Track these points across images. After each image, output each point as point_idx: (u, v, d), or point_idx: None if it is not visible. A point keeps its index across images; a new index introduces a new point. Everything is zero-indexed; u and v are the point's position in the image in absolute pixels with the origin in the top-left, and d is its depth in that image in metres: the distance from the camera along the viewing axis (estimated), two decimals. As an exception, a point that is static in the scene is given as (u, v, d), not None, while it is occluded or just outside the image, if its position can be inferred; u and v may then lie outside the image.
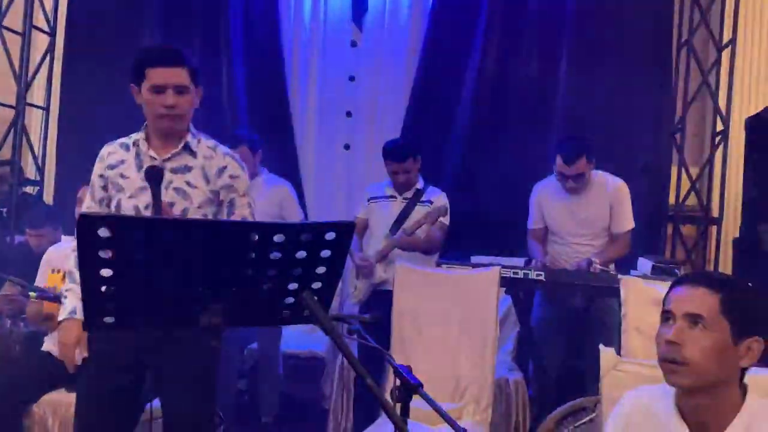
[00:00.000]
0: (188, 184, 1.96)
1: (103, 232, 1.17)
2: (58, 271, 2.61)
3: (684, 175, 4.00)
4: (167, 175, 1.95)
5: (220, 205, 2.00)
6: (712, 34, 4.00)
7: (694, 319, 1.30)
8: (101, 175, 2.02)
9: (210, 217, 1.96)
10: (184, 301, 1.29)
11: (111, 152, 2.03)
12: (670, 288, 1.38)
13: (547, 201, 3.32)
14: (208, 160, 1.99)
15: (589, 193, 3.23)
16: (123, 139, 2.04)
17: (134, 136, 2.02)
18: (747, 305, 1.33)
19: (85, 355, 1.93)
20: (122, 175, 1.98)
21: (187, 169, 1.97)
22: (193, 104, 1.98)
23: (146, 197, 1.92)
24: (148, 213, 1.93)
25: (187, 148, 1.98)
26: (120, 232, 1.18)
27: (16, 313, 2.86)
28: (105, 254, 1.20)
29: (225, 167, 2.00)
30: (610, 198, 3.23)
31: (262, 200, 3.42)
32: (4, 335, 2.92)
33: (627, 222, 3.25)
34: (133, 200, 1.96)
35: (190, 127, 2.02)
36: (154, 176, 1.85)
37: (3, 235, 3.97)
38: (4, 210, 4.09)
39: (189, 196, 1.95)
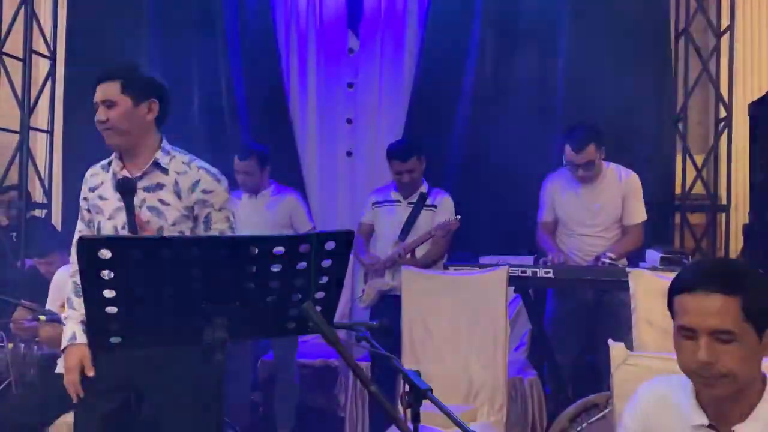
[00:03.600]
0: (161, 201, 1.93)
1: (103, 254, 1.18)
2: None
3: (689, 164, 3.97)
4: (140, 194, 1.93)
5: (196, 221, 1.94)
6: (709, 21, 3.98)
7: (722, 335, 1.25)
8: (84, 198, 2.02)
9: (187, 233, 1.92)
10: (188, 317, 1.30)
11: (93, 174, 2.03)
12: (679, 292, 1.30)
13: (558, 192, 3.31)
14: (181, 175, 1.94)
15: (601, 184, 3.22)
16: (105, 161, 2.04)
17: (111, 157, 2.02)
18: (765, 298, 1.27)
19: (92, 374, 1.91)
20: (101, 197, 1.98)
21: (159, 186, 1.94)
22: (131, 116, 1.92)
23: (123, 217, 1.90)
24: (125, 233, 1.89)
25: (157, 165, 1.95)
26: (119, 252, 1.19)
27: (30, 337, 2.88)
28: (107, 275, 1.21)
29: (198, 181, 1.94)
30: (622, 189, 3.21)
31: (272, 212, 3.43)
32: (18, 359, 2.94)
33: (639, 214, 3.23)
34: (111, 221, 1.94)
35: (162, 143, 1.99)
36: (125, 187, 1.83)
37: (13, 259, 4.00)
38: (14, 234, 4.12)
39: (163, 214, 1.92)
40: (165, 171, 1.95)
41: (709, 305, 1.26)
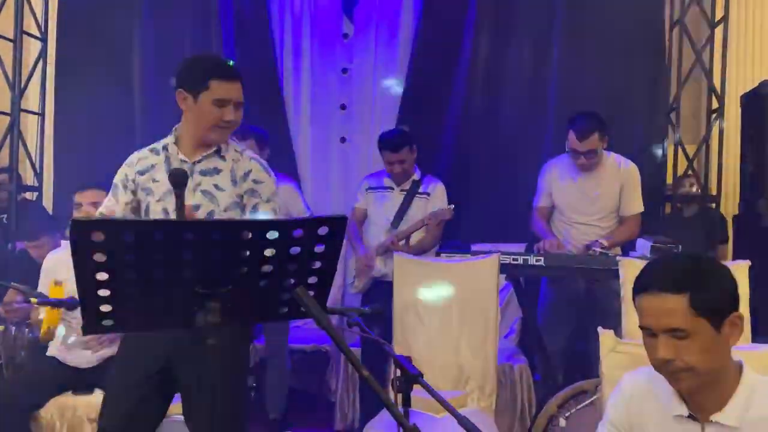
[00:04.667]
0: (216, 186, 1.97)
1: (96, 237, 1.18)
2: (61, 284, 2.62)
3: (681, 154, 3.99)
4: (196, 177, 1.96)
5: (243, 210, 1.98)
6: (704, 12, 3.97)
7: (677, 332, 1.28)
8: (132, 180, 2.04)
9: None
10: (181, 301, 1.30)
11: (141, 158, 2.06)
12: (637, 293, 1.34)
13: (557, 179, 3.30)
14: (235, 163, 2.00)
15: (600, 173, 3.22)
16: (153, 145, 2.07)
17: (164, 140, 2.04)
18: (714, 292, 1.29)
19: (113, 353, 1.94)
20: (153, 179, 2.00)
21: (216, 171, 1.98)
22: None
23: (173, 200, 1.88)
24: (174, 217, 1.88)
25: (217, 152, 2.00)
26: (112, 235, 1.19)
27: (20, 319, 2.88)
28: (99, 258, 1.21)
29: (250, 171, 2.00)
30: (621, 179, 3.21)
31: None
32: (9, 342, 2.94)
33: (636, 205, 3.24)
34: (161, 203, 1.98)
35: None
36: (177, 179, 1.80)
37: (4, 242, 3.98)
38: (4, 217, 4.09)
39: (216, 199, 1.95)
40: (223, 158, 2.00)
41: (660, 305, 1.29)
